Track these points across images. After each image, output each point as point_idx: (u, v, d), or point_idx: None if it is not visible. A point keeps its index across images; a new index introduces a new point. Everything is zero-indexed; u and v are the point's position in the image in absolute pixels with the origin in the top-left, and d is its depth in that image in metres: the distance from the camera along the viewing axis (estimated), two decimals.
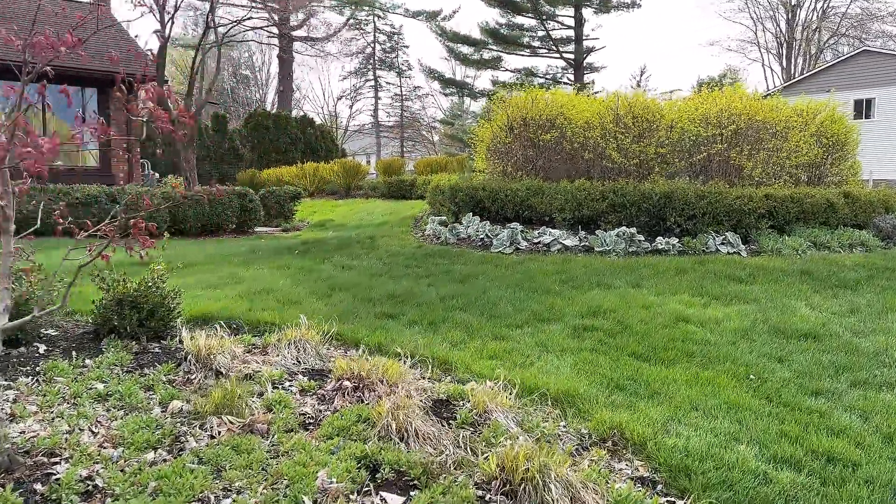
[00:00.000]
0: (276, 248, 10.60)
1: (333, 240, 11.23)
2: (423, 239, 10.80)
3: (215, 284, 7.23)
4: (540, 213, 10.25)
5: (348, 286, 7.26)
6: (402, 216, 13.96)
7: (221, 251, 10.28)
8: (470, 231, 10.19)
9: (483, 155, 12.46)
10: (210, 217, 14.17)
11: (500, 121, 11.84)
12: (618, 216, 9.68)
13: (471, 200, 10.95)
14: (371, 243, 10.64)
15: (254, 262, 9.01)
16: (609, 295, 6.87)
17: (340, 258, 9.45)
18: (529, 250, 9.38)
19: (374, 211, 16.14)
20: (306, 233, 14.56)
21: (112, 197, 12.81)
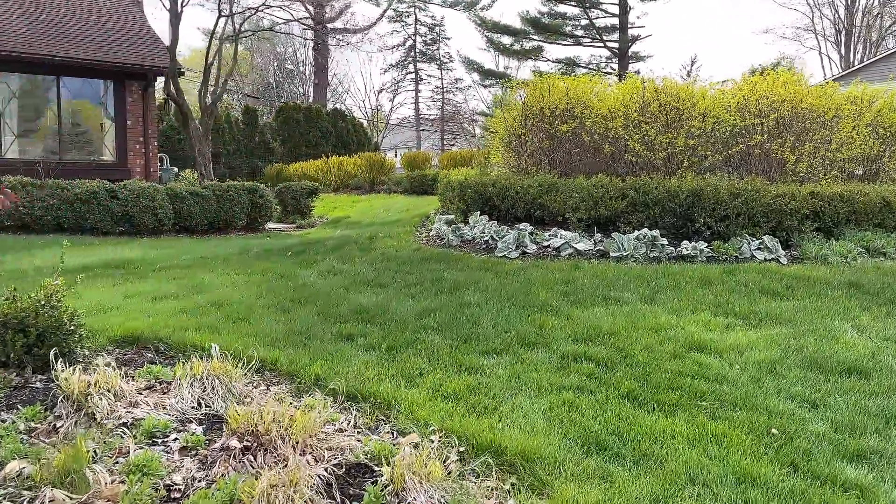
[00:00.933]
0: (271, 249, 9.82)
1: (334, 240, 10.39)
2: (426, 240, 9.87)
3: (169, 294, 6.44)
4: (553, 213, 9.21)
5: (319, 297, 6.38)
6: (416, 213, 13.06)
7: (209, 252, 9.54)
8: (475, 232, 9.21)
9: (498, 148, 11.44)
10: (217, 214, 13.51)
11: (514, 111, 10.80)
12: (639, 217, 8.57)
13: (480, 198, 9.97)
14: (370, 244, 9.76)
15: (233, 267, 8.22)
16: (614, 313, 5.82)
17: (331, 261, 8.60)
18: (537, 255, 8.35)
19: (392, 207, 15.28)
20: (317, 231, 13.79)
21: (112, 193, 12.25)
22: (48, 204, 11.78)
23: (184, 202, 13.06)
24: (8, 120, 15.69)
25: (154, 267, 8.21)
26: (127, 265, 8.37)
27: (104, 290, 6.65)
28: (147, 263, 8.46)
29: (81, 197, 11.96)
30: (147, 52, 17.25)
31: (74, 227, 12.07)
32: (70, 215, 11.94)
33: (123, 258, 8.71)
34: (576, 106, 10.06)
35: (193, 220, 13.18)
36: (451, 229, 9.32)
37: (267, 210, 14.37)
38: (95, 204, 12.03)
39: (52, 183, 12.03)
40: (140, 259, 8.78)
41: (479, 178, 10.36)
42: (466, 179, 10.34)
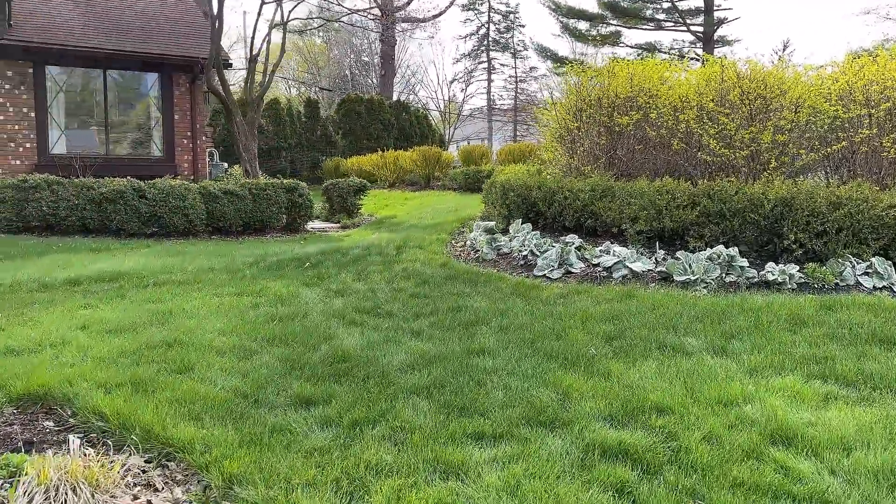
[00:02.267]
0: (289, 259, 8.73)
1: (360, 248, 9.20)
2: (459, 252, 8.54)
3: (129, 325, 5.37)
4: (607, 223, 7.70)
5: (300, 334, 5.16)
6: (461, 216, 11.74)
7: (221, 261, 8.54)
8: (514, 244, 7.81)
9: (549, 145, 9.96)
10: (253, 214, 12.61)
11: (567, 100, 9.30)
12: (713, 230, 6.96)
13: (523, 203, 8.55)
14: (396, 255, 8.52)
15: (231, 284, 7.14)
16: (669, 371, 4.34)
17: (345, 277, 7.42)
18: (583, 276, 6.88)
19: (440, 207, 14.01)
20: (357, 233, 12.69)
21: (140, 192, 11.50)
22: (73, 204, 11.13)
23: (217, 202, 12.20)
24: (55, 115, 15.32)
25: (146, 282, 7.24)
26: (121, 278, 7.45)
27: (63, 318, 5.67)
28: (142, 277, 7.51)
29: (108, 196, 11.26)
30: (194, 44, 16.58)
31: (100, 228, 11.39)
32: (95, 216, 11.26)
33: (121, 270, 7.80)
34: (640, 95, 8.47)
35: (227, 221, 12.32)
36: (487, 240, 7.96)
37: (307, 209, 13.39)
38: (122, 204, 11.30)
39: (78, 182, 11.39)
40: (139, 271, 7.85)
41: (522, 178, 8.93)
42: (509, 180, 8.94)
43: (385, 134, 27.54)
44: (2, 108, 14.55)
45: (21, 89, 14.73)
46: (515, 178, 9.01)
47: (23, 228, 11.21)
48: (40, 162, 14.70)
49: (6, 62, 14.56)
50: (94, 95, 15.95)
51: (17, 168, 14.74)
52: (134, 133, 16.48)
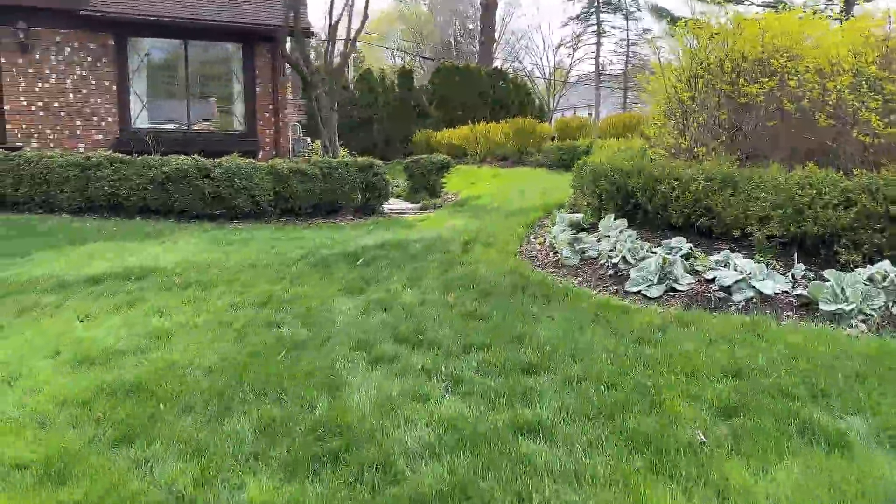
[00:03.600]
0: (340, 253, 7.57)
1: (425, 242, 7.90)
2: (536, 252, 7.04)
3: (103, 355, 4.30)
4: (726, 223, 5.98)
5: (299, 381, 3.93)
6: (549, 200, 10.18)
7: (267, 256, 7.50)
8: (602, 247, 6.25)
9: (654, 119, 8.21)
10: (324, 195, 11.61)
11: (679, 67, 7.52)
12: (877, 240, 5.14)
13: (617, 192, 6.94)
14: (461, 252, 7.16)
15: (259, 289, 6.04)
16: (820, 490, 2.78)
17: (395, 282, 6.16)
18: (692, 296, 5.25)
19: (528, 188, 12.46)
20: (435, 217, 11.42)
21: (205, 171, 10.71)
22: (134, 184, 10.49)
23: (285, 182, 11.27)
24: (136, 88, 14.92)
25: (171, 283, 6.29)
26: (149, 276, 6.54)
27: (46, 334, 4.74)
28: (171, 275, 6.57)
29: (170, 176, 10.54)
30: (277, 13, 15.67)
31: (162, 209, 10.72)
32: (158, 196, 10.59)
33: (154, 265, 6.90)
34: (773, 56, 6.59)
35: (296, 203, 11.38)
36: (570, 239, 6.44)
37: (383, 190, 12.25)
38: (185, 184, 10.56)
39: (140, 160, 10.73)
40: (174, 266, 6.93)
41: (618, 161, 7.29)
42: (601, 163, 7.31)
43: (480, 104, 25.98)
44: (84, 82, 14.27)
45: (103, 62, 14.39)
46: (609, 161, 7.37)
47: (86, 209, 10.72)
48: (122, 136, 14.36)
49: (87, 34, 14.21)
50: (176, 67, 15.44)
51: (99, 142, 14.49)
52: (215, 106, 15.89)
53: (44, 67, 13.96)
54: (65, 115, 14.22)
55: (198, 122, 15.57)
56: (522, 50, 58.50)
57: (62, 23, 14.02)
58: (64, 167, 10.52)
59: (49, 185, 10.60)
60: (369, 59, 58.07)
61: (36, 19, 13.76)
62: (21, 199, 10.61)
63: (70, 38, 14.13)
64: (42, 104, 14.01)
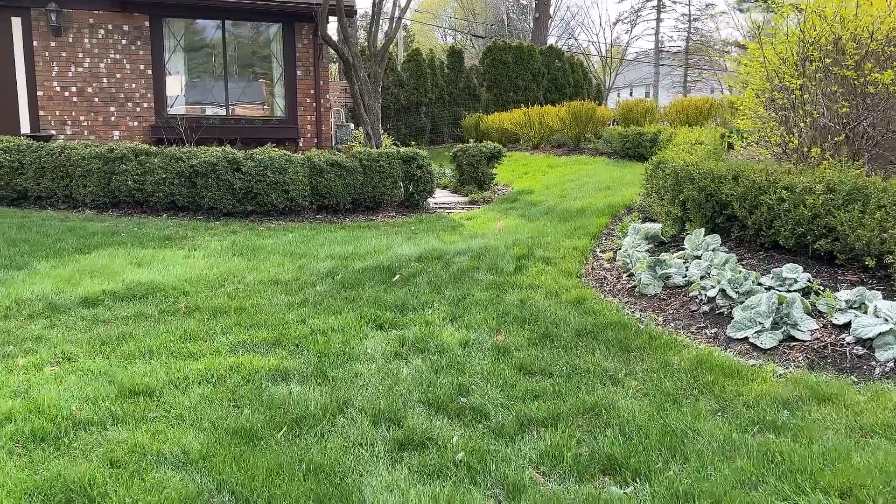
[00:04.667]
0: (374, 268, 6.53)
1: (471, 253, 6.78)
2: (605, 272, 5.82)
3: (52, 428, 3.37)
4: (855, 248, 4.69)
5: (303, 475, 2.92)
6: (615, 200, 8.92)
7: (288, 269, 6.51)
8: (692, 273, 5.02)
9: (749, 110, 6.85)
10: (364, 189, 10.60)
11: (784, 44, 6.15)
12: None
13: (707, 201, 5.67)
14: (514, 272, 6.01)
15: (277, 314, 5.03)
16: None
17: (433, 312, 5.09)
18: (819, 350, 4.01)
19: (588, 182, 11.17)
20: (483, 215, 10.29)
21: (236, 165, 9.80)
22: (160, 178, 9.66)
23: (322, 176, 10.30)
24: (172, 72, 14.15)
25: (176, 306, 5.36)
26: (153, 295, 5.64)
27: (6, 388, 3.84)
28: (179, 296, 5.65)
29: (198, 170, 9.66)
30: None
31: (190, 205, 9.87)
32: (185, 192, 9.73)
33: (162, 282, 5.99)
34: None
35: (334, 198, 10.40)
36: (649, 262, 5.24)
37: (427, 184, 11.16)
38: (214, 178, 9.68)
39: (167, 153, 9.88)
40: (185, 282, 6.01)
41: (703, 160, 6.00)
42: (685, 166, 6.04)
43: (534, 85, 24.55)
44: (118, 66, 13.55)
45: (137, 44, 13.63)
46: (695, 161, 6.09)
47: (111, 204, 9.96)
48: (158, 123, 13.62)
49: (122, 15, 13.47)
50: (213, 50, 14.60)
51: (134, 129, 13.80)
52: (255, 91, 15.01)
53: (77, 51, 13.28)
54: (98, 101, 13.54)
55: (236, 107, 14.73)
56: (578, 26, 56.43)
57: (96, 4, 13.29)
58: (87, 159, 9.76)
59: (71, 179, 9.88)
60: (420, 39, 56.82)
61: (68, 0, 13.08)
62: (44, 194, 9.92)
63: (104, 20, 13.41)
64: (76, 90, 13.35)
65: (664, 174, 6.57)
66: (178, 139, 12.86)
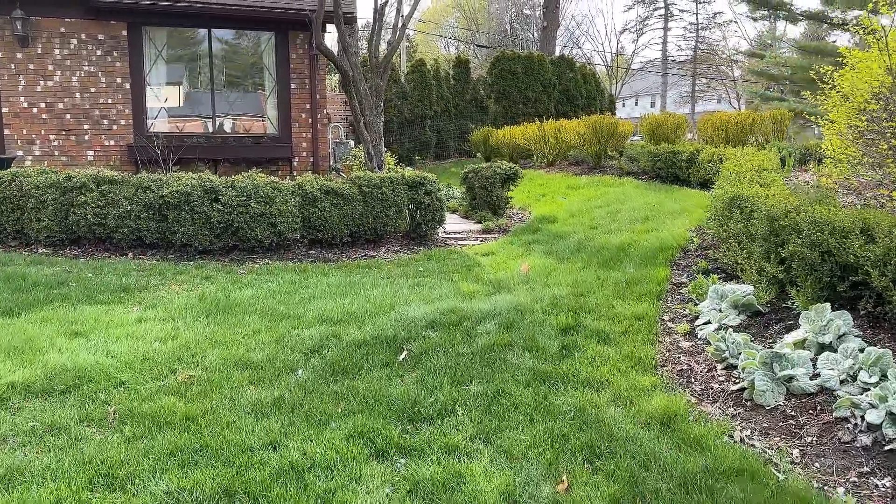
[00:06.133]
0: (376, 338, 5.02)
1: (494, 321, 5.28)
2: (687, 357, 4.28)
3: None
4: None
5: None
6: (662, 240, 7.40)
7: (266, 338, 5.01)
8: (825, 376, 3.49)
9: (840, 132, 5.34)
10: (363, 219, 9.11)
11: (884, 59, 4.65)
12: None
13: (821, 262, 4.15)
14: (560, 353, 4.49)
15: (238, 434, 3.54)
16: None
17: (458, 428, 3.57)
18: None
19: (621, 210, 9.65)
20: (501, 251, 8.77)
21: (213, 194, 8.31)
22: (124, 211, 8.17)
23: (315, 205, 8.80)
24: (153, 86, 12.69)
25: (103, 412, 3.85)
26: (78, 390, 4.15)
27: None
28: (111, 392, 4.15)
29: (168, 201, 8.17)
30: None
31: (160, 241, 8.37)
32: (154, 226, 8.24)
33: (92, 365, 4.49)
34: None
35: (330, 231, 8.90)
36: (763, 358, 3.68)
37: (436, 212, 9.66)
38: (187, 211, 8.19)
39: (134, 181, 8.40)
40: (119, 370, 4.51)
41: (817, 205, 4.49)
42: (788, 212, 4.51)
43: (545, 97, 23.07)
44: (93, 79, 12.09)
45: (114, 55, 12.18)
46: (798, 206, 4.57)
47: (68, 241, 8.46)
48: (137, 142, 12.15)
49: (97, 23, 12.02)
50: (199, 62, 13.15)
51: (110, 149, 12.33)
52: (244, 106, 13.54)
53: (46, 63, 11.83)
54: (71, 119, 12.08)
55: (224, 124, 13.26)
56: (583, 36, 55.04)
57: (67, 11, 11.85)
58: (41, 189, 8.27)
59: (23, 212, 8.39)
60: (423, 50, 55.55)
61: (36, 7, 11.62)
62: None
63: (77, 29, 11.97)
64: (45, 105, 11.90)
65: (747, 215, 5.05)
66: (161, 160, 11.43)
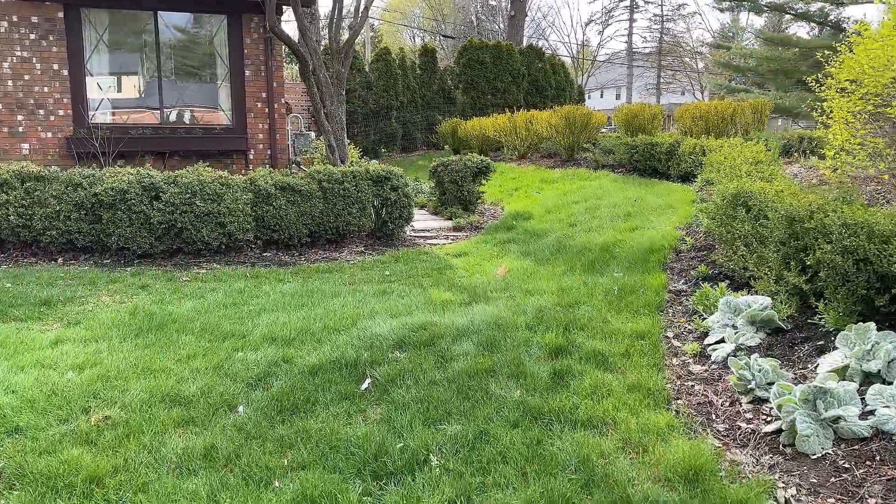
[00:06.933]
0: (333, 363, 4.26)
1: (471, 339, 4.56)
2: (704, 391, 3.61)
3: None
4: None
5: None
6: (652, 240, 6.77)
7: (202, 364, 4.21)
8: (881, 415, 2.86)
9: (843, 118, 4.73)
10: (324, 219, 8.30)
11: None
12: None
13: (856, 271, 3.53)
14: (553, 383, 3.79)
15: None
16: None
17: (434, 490, 2.86)
18: None
19: (600, 206, 9.01)
20: (474, 251, 8.05)
21: (153, 192, 7.42)
22: (52, 211, 7.24)
23: (270, 203, 7.97)
24: (95, 73, 11.64)
25: None
26: None
27: None
28: (6, 436, 3.34)
29: (103, 199, 7.26)
30: None
31: (94, 245, 7.46)
32: (86, 228, 7.32)
33: None
34: None
35: (286, 231, 8.08)
36: (805, 394, 3.02)
37: (404, 209, 8.90)
38: (124, 210, 7.29)
39: (64, 177, 7.46)
40: (27, 404, 3.68)
41: (847, 208, 3.85)
42: (813, 213, 3.87)
43: (514, 87, 22.39)
44: (27, 65, 11.00)
45: (50, 40, 11.10)
46: (823, 205, 3.94)
47: None
48: (76, 134, 11.09)
49: (31, 4, 10.93)
50: (145, 47, 12.13)
51: (47, 142, 11.26)
52: (195, 95, 12.56)
53: None
54: (3, 109, 10.98)
55: (173, 114, 12.27)
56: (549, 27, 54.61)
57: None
58: None
59: None
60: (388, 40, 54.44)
61: None
62: None
63: (7, 11, 10.86)
64: None
65: (755, 214, 4.41)
66: (102, 153, 10.45)
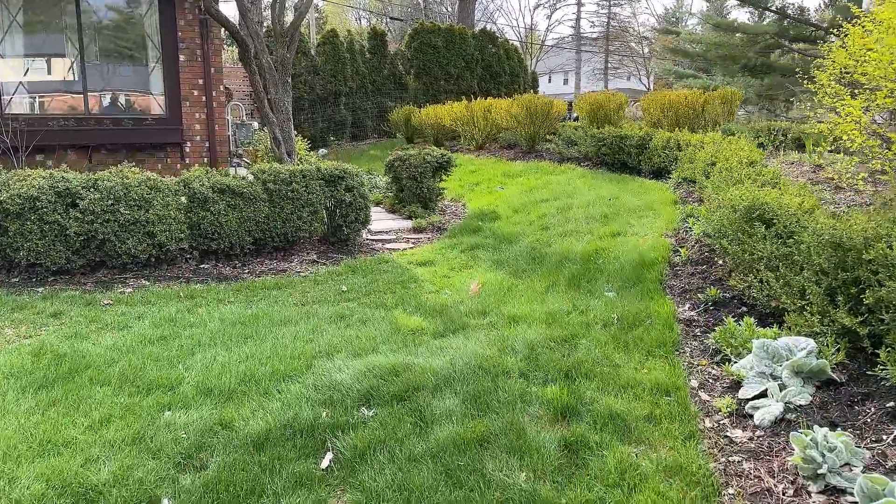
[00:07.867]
0: (285, 429, 3.42)
1: (454, 386, 3.79)
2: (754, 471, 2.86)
3: None
4: None
5: None
6: (640, 250, 6.09)
7: (111, 448, 3.31)
8: None
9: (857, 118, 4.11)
10: (270, 223, 7.36)
11: None
12: None
13: None
14: (562, 464, 3.05)
15: None
16: None
17: None
18: None
19: (572, 205, 8.32)
20: (439, 259, 7.24)
21: (69, 197, 6.34)
22: None
23: (207, 208, 6.97)
24: (9, 57, 10.29)
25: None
26: None
27: None
28: None
29: (9, 208, 6.15)
30: None
31: (0, 262, 6.37)
32: None
33: None
34: None
35: (227, 240, 7.11)
36: None
37: (360, 212, 8.01)
38: (35, 220, 6.19)
39: None
40: None
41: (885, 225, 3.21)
42: (862, 233, 3.21)
43: (467, 73, 21.54)
44: None
45: None
46: (877, 229, 3.28)
47: None
48: None
49: None
50: (66, 28, 10.80)
51: None
52: (124, 82, 11.29)
53: None
54: None
55: (98, 105, 11.00)
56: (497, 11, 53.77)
57: None
58: None
59: None
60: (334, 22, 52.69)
61: None
62: None
63: None
64: None
65: (778, 233, 3.73)
66: (15, 148, 9.18)
